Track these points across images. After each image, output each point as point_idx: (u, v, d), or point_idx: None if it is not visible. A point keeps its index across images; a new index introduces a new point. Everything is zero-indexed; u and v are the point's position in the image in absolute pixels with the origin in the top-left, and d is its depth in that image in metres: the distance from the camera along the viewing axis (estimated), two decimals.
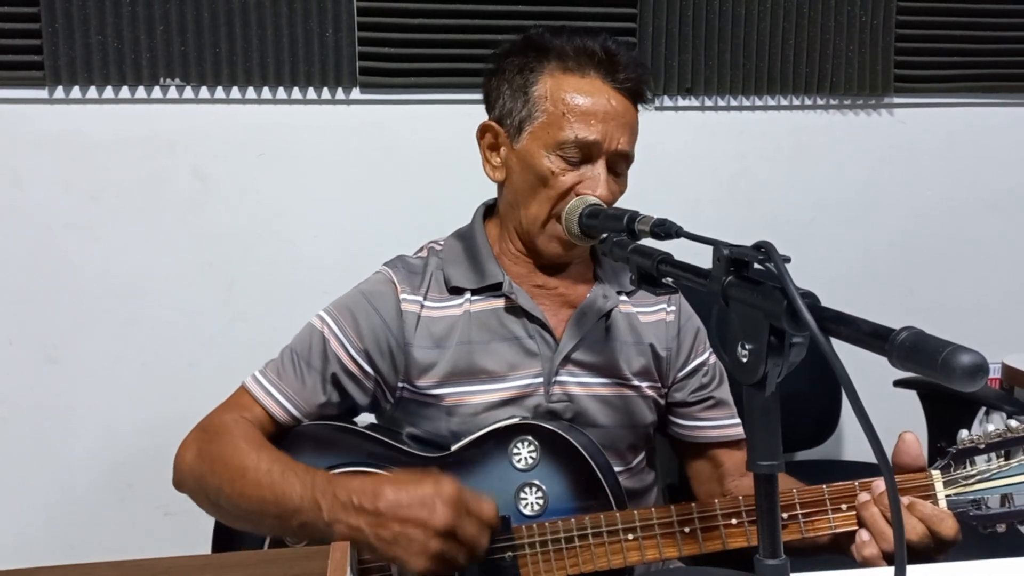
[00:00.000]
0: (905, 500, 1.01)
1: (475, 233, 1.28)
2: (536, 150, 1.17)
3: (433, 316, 1.21)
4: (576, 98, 1.15)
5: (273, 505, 1.05)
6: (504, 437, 1.14)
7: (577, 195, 1.16)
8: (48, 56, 1.89)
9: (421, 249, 1.31)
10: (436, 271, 1.25)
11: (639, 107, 1.22)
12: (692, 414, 1.30)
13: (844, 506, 1.05)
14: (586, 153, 1.16)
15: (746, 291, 0.75)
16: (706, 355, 1.31)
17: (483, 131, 1.25)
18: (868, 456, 2.15)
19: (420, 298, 1.22)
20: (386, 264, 1.28)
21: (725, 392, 1.32)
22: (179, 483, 1.17)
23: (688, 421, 1.30)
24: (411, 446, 1.18)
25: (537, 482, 1.11)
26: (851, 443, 2.31)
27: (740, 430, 1.30)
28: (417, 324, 1.21)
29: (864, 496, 1.03)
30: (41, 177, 1.96)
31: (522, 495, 1.11)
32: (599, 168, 1.16)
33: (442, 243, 1.30)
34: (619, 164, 1.19)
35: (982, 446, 1.02)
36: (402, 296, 1.21)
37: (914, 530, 0.98)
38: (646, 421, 1.27)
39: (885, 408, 1.46)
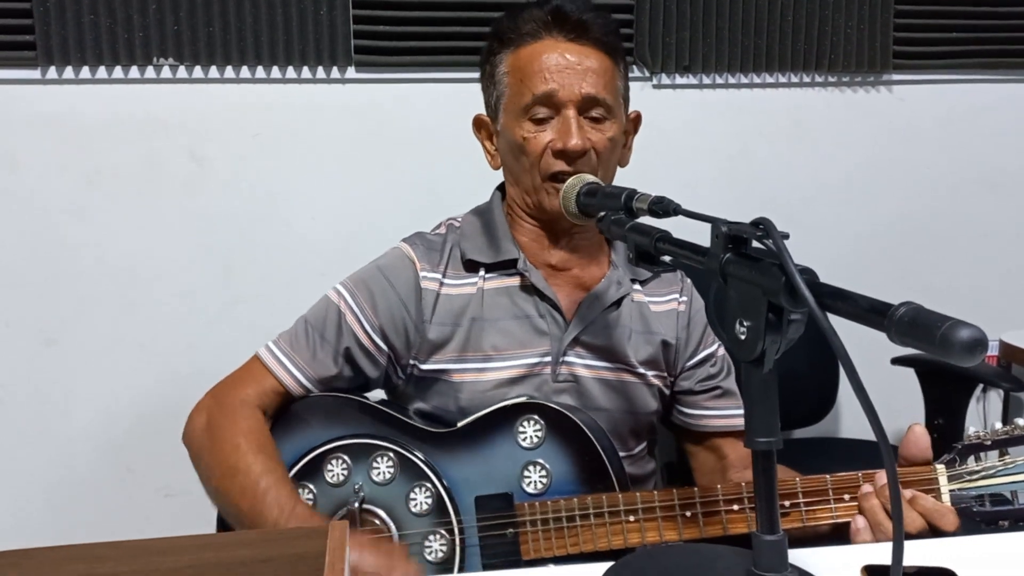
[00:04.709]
0: (908, 493, 1.01)
1: (493, 210, 1.28)
2: (510, 124, 1.19)
3: (451, 294, 1.22)
4: (531, 62, 1.17)
5: (248, 517, 1.08)
6: (510, 415, 1.14)
7: (553, 151, 1.16)
8: (40, 36, 1.88)
9: (439, 226, 1.31)
10: (454, 248, 1.25)
11: (620, 57, 1.22)
12: (698, 403, 1.30)
13: (847, 496, 1.05)
14: (551, 107, 1.16)
15: (744, 268, 0.75)
16: (715, 347, 1.31)
17: (477, 126, 1.29)
18: (866, 434, 2.16)
19: (439, 276, 1.22)
20: (404, 240, 1.28)
21: (732, 383, 1.32)
22: (185, 441, 1.20)
23: (694, 410, 1.30)
24: (417, 421, 1.19)
25: (541, 461, 1.11)
26: (849, 421, 2.32)
27: None
28: (436, 302, 1.21)
29: (867, 487, 1.03)
30: (36, 160, 1.95)
31: (526, 473, 1.11)
32: (566, 117, 1.16)
33: (460, 219, 1.30)
34: (594, 110, 1.18)
35: (988, 442, 1.02)
36: (422, 274, 1.22)
37: (913, 523, 0.98)
38: (649, 409, 1.27)
39: (883, 386, 1.46)
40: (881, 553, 0.90)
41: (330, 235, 2.05)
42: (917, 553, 0.89)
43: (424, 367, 1.21)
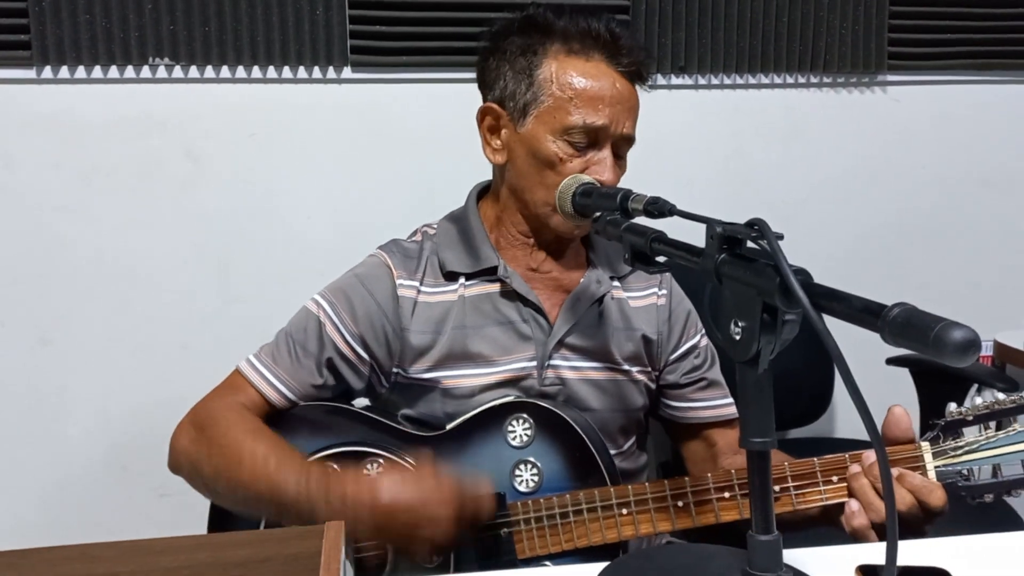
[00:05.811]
0: (895, 471, 1.01)
1: (469, 216, 1.27)
2: (542, 135, 1.16)
3: (429, 301, 1.21)
4: (583, 82, 1.14)
5: (268, 496, 1.06)
6: (499, 415, 1.14)
7: None
8: (36, 36, 1.87)
9: (415, 233, 1.30)
10: (431, 256, 1.24)
11: (637, 88, 1.22)
12: (685, 395, 1.30)
13: (835, 478, 1.06)
14: (592, 138, 1.15)
15: (739, 268, 0.75)
16: (697, 338, 1.32)
17: (483, 114, 1.23)
18: (861, 434, 2.16)
19: (416, 283, 1.22)
20: (380, 248, 1.27)
21: (717, 373, 1.33)
22: (175, 467, 1.18)
23: (681, 402, 1.31)
24: (406, 426, 1.18)
25: (532, 459, 1.12)
26: (844, 421, 2.32)
27: (733, 409, 1.31)
28: (414, 309, 1.20)
29: (855, 468, 1.04)
30: (32, 159, 1.95)
31: (517, 472, 1.11)
32: (605, 153, 1.15)
33: (435, 227, 1.29)
34: (622, 147, 1.19)
35: (970, 418, 1.03)
36: (398, 281, 1.21)
37: (903, 501, 0.99)
38: (636, 405, 1.27)
39: (878, 386, 1.47)
40: (875, 553, 0.90)
41: (327, 234, 2.05)
42: (911, 553, 0.90)
43: (408, 375, 1.21)
